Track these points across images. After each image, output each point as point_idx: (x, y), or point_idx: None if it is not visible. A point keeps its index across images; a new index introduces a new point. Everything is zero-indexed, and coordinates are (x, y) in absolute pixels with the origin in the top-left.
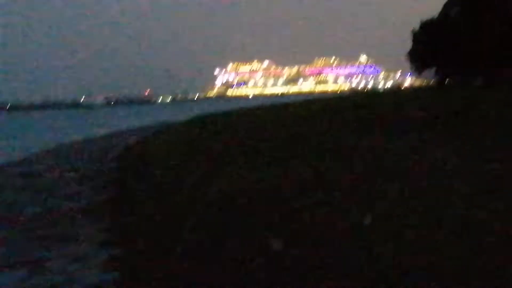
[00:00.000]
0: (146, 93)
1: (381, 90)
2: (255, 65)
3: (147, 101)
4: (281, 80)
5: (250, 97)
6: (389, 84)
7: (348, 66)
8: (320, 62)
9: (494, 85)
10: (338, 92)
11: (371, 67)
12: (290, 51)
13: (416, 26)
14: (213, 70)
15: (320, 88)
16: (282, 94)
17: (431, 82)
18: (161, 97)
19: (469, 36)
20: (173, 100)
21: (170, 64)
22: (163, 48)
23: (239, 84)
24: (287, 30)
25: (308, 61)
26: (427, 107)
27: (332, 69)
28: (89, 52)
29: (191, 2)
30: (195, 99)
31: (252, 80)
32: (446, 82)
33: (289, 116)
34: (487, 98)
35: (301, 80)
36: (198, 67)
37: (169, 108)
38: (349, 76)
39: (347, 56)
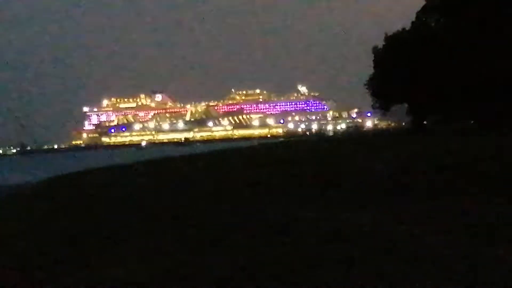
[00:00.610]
0: None
1: (339, 134)
2: (142, 100)
3: None
4: (181, 122)
5: (142, 144)
6: (342, 126)
7: (281, 102)
8: (238, 96)
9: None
10: (269, 137)
11: (315, 102)
12: (194, 81)
13: (378, 42)
14: (81, 107)
15: (240, 132)
16: (187, 141)
17: (404, 124)
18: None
19: (459, 55)
20: (20, 152)
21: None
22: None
23: (119, 128)
24: (188, 52)
25: (221, 95)
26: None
27: (257, 106)
28: None
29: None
30: (55, 148)
31: (137, 122)
32: (424, 124)
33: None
34: None
35: (211, 121)
36: (59, 104)
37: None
38: (283, 116)
39: (279, 88)
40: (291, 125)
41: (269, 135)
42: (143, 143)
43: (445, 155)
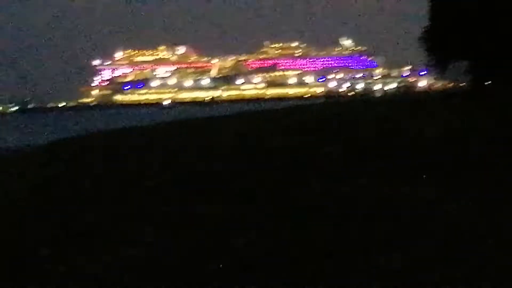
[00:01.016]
0: None
1: (384, 96)
2: (162, 53)
3: None
4: (207, 79)
5: (164, 103)
6: (391, 87)
7: (322, 57)
8: (271, 50)
9: None
10: (306, 99)
11: (360, 58)
12: (220, 32)
13: None
14: (91, 60)
15: (273, 91)
16: (213, 100)
17: (463, 84)
18: None
19: None
20: (22, 110)
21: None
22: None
23: (136, 84)
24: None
25: (252, 48)
26: None
27: (293, 61)
28: None
29: None
30: (61, 106)
31: (157, 78)
32: (488, 84)
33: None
34: None
35: (240, 78)
36: (64, 56)
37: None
38: (323, 73)
39: (319, 40)
40: (332, 84)
41: (307, 95)
42: (166, 102)
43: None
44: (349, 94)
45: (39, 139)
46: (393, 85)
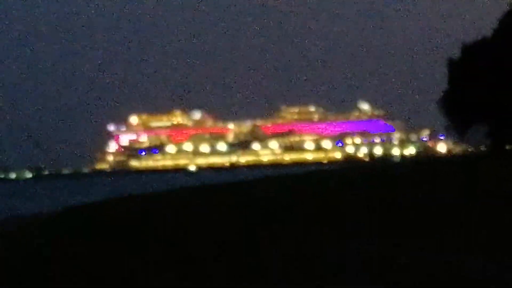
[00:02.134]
0: None
1: (402, 160)
2: (177, 118)
3: None
4: (223, 144)
5: (190, 168)
6: (410, 152)
7: (340, 121)
8: (289, 114)
9: None
10: (325, 163)
11: (378, 122)
12: (236, 96)
13: (453, 52)
14: (106, 125)
15: (291, 156)
16: (231, 166)
17: (482, 148)
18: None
19: None
20: (36, 177)
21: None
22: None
23: (150, 150)
24: (231, 62)
25: (269, 112)
26: None
27: (311, 126)
28: None
29: None
30: (76, 173)
31: (171, 143)
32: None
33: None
34: None
35: (257, 143)
36: (79, 121)
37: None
38: (341, 137)
39: (337, 104)
40: (350, 149)
41: (325, 161)
42: (192, 168)
43: None
44: (367, 158)
45: (52, 206)
46: (412, 149)
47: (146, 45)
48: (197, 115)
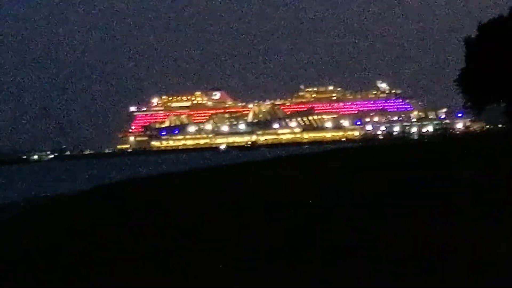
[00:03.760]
0: None
1: (423, 139)
2: (197, 98)
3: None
4: (242, 124)
5: (221, 147)
6: (429, 129)
7: (358, 100)
8: (308, 94)
9: None
10: (343, 142)
11: (396, 101)
12: (257, 76)
13: (470, 32)
14: (127, 106)
15: (310, 135)
16: (252, 145)
17: (501, 126)
18: (36, 153)
19: None
20: (58, 158)
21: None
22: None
23: (171, 130)
24: (251, 43)
25: (288, 93)
26: None
27: (330, 105)
28: None
29: None
30: (98, 153)
31: (192, 123)
32: None
33: None
34: None
35: (276, 123)
36: (100, 103)
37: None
38: (360, 116)
39: (355, 84)
40: (369, 127)
41: (343, 139)
42: (223, 146)
43: None
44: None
45: (75, 186)
46: (430, 127)
47: (167, 26)
48: (216, 95)
